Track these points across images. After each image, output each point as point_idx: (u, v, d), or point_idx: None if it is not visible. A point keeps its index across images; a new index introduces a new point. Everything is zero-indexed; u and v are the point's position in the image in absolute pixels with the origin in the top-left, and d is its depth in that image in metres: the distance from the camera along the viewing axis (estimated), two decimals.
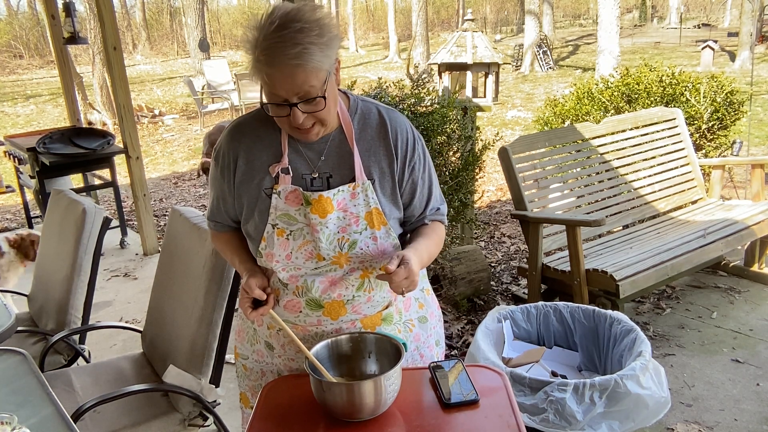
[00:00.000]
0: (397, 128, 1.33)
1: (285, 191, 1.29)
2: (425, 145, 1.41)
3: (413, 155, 1.34)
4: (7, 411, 1.31)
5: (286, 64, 1.11)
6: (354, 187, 1.29)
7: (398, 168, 1.32)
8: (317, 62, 1.13)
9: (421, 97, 3.13)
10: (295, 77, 1.13)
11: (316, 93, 1.16)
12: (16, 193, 5.45)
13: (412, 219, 1.42)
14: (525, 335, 2.41)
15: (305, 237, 1.30)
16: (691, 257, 2.95)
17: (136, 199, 4.52)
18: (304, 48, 1.11)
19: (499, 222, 5.18)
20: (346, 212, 1.29)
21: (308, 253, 1.31)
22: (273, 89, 1.15)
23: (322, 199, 1.27)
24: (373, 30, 31.28)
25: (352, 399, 1.15)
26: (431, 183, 1.41)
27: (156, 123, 11.93)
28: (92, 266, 2.34)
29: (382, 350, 1.29)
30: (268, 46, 1.11)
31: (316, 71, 1.14)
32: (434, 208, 1.43)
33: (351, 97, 1.35)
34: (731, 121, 4.40)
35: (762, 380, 2.60)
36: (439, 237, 1.44)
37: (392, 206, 1.34)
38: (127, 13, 28.32)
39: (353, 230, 1.30)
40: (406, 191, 1.36)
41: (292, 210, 1.29)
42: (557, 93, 10.34)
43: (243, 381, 1.57)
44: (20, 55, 23.73)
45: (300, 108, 1.17)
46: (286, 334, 1.29)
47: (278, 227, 1.31)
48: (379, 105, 1.37)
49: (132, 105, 4.43)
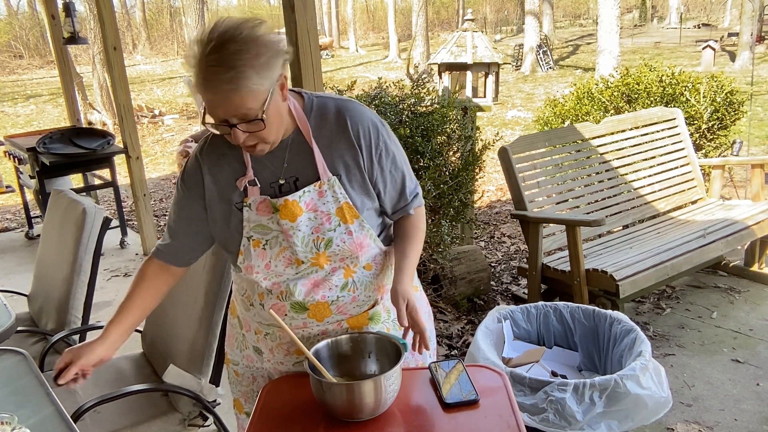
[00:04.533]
0: (357, 119, 1.29)
1: (255, 202, 1.28)
2: (391, 130, 1.37)
3: (378, 144, 1.31)
4: (7, 411, 1.31)
5: (220, 88, 1.08)
6: (320, 185, 1.27)
7: (364, 161, 1.29)
8: (253, 85, 1.10)
9: (421, 97, 3.13)
10: (231, 101, 1.10)
11: (254, 115, 1.13)
12: (16, 193, 5.45)
13: (392, 208, 1.39)
14: (525, 335, 2.41)
15: (281, 244, 1.30)
16: (691, 257, 2.95)
17: (136, 199, 4.52)
18: (239, 72, 1.07)
19: (499, 222, 5.18)
20: (316, 212, 1.28)
21: (287, 259, 1.31)
22: (211, 110, 1.13)
23: (288, 203, 1.26)
24: (373, 30, 31.28)
25: (352, 399, 1.15)
26: (402, 168, 1.37)
27: (156, 123, 11.93)
28: (92, 266, 2.34)
29: (382, 350, 1.29)
30: (205, 69, 1.09)
31: (253, 93, 1.11)
32: (412, 193, 1.41)
33: (305, 96, 1.31)
34: (731, 121, 4.40)
35: (762, 380, 2.60)
36: (422, 226, 1.43)
37: (364, 198, 1.32)
38: (127, 13, 28.32)
39: (326, 228, 1.29)
40: (378, 181, 1.33)
41: (264, 219, 1.28)
42: (557, 93, 10.34)
43: (235, 387, 1.57)
44: (20, 55, 23.73)
45: (240, 128, 1.14)
46: (286, 335, 1.29)
47: (253, 239, 1.30)
48: (336, 98, 1.33)
49: (132, 105, 4.43)
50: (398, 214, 1.42)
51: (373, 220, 1.35)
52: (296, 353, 1.39)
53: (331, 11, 27.88)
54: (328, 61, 20.92)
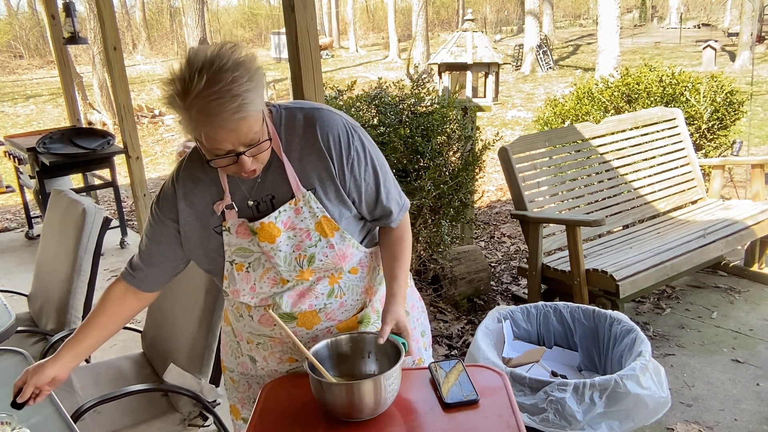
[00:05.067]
0: (326, 128, 1.24)
1: (234, 225, 1.26)
2: (368, 137, 1.31)
3: (349, 152, 1.25)
4: (7, 411, 1.31)
5: (229, 120, 1.05)
6: (295, 202, 1.24)
7: (336, 169, 1.24)
8: (256, 106, 1.08)
9: (421, 97, 3.13)
10: (240, 130, 1.08)
11: (260, 137, 1.12)
12: (16, 193, 5.45)
13: (370, 216, 1.35)
14: (525, 335, 2.41)
15: (264, 265, 1.28)
16: (691, 257, 2.95)
17: (136, 199, 4.52)
18: (243, 99, 1.05)
19: (499, 222, 5.19)
20: (295, 230, 1.25)
21: (271, 280, 1.29)
22: (217, 145, 1.09)
23: (264, 226, 1.23)
24: (373, 30, 31.27)
25: (351, 399, 1.15)
26: (378, 176, 1.30)
27: (156, 123, 11.93)
28: (92, 266, 2.34)
29: (382, 350, 1.28)
30: (205, 105, 1.03)
31: (256, 117, 1.10)
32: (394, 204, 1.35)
33: (273, 109, 1.27)
34: (731, 121, 4.40)
35: (762, 380, 2.60)
36: (407, 237, 1.40)
37: (341, 208, 1.28)
38: (127, 13, 28.32)
39: (307, 245, 1.26)
40: (352, 189, 1.28)
41: (245, 242, 1.27)
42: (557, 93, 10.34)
43: (231, 393, 1.57)
44: (20, 55, 23.72)
45: (247, 154, 1.12)
46: (286, 335, 1.29)
47: (236, 262, 1.29)
48: (304, 107, 1.28)
49: (132, 105, 4.43)
50: (378, 224, 1.38)
51: (353, 228, 1.32)
52: (289, 361, 1.39)
53: (331, 11, 27.88)
54: (328, 61, 20.93)
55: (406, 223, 1.41)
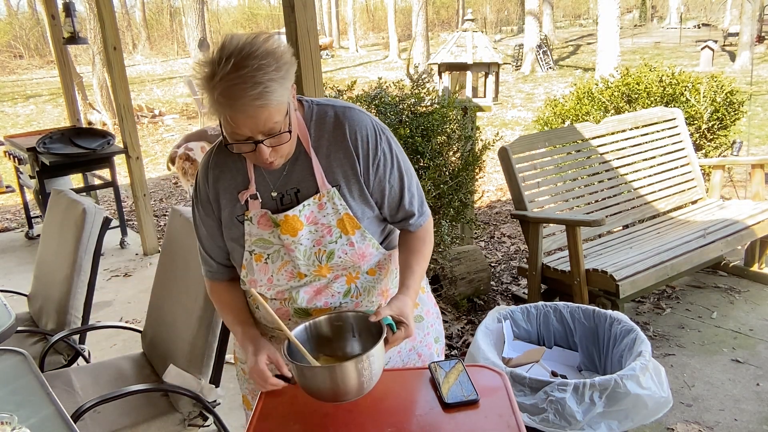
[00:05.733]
0: (355, 127, 1.26)
1: (256, 216, 1.27)
2: (395, 140, 1.33)
3: (376, 152, 1.27)
4: (7, 411, 1.31)
5: (248, 105, 1.07)
6: (319, 197, 1.25)
7: (362, 168, 1.27)
8: (279, 98, 1.09)
9: (421, 97, 3.13)
10: (259, 117, 1.09)
11: (280, 128, 1.13)
12: (16, 193, 5.46)
13: (391, 219, 1.36)
14: (525, 335, 2.41)
15: (283, 258, 1.29)
16: (691, 257, 2.95)
17: (136, 199, 4.52)
18: (265, 87, 1.06)
19: (499, 222, 5.19)
20: (317, 224, 1.27)
21: (289, 273, 1.30)
22: (237, 129, 1.11)
23: (288, 218, 1.25)
24: (373, 30, 31.28)
25: (335, 382, 1.12)
26: (403, 179, 1.33)
27: (156, 123, 11.93)
28: (92, 266, 2.34)
29: (364, 328, 1.26)
30: (227, 88, 1.06)
31: (278, 107, 1.11)
32: (415, 209, 1.36)
33: (305, 103, 1.29)
34: (731, 121, 4.40)
35: (762, 380, 2.60)
36: (429, 240, 1.40)
37: (364, 207, 1.30)
38: (127, 13, 28.33)
39: (328, 241, 1.27)
40: (375, 191, 1.30)
41: (266, 234, 1.28)
42: (557, 93, 10.34)
43: (243, 384, 1.57)
44: (20, 55, 23.73)
45: (266, 143, 1.14)
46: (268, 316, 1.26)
47: (255, 253, 1.30)
48: (336, 105, 1.30)
49: (132, 105, 4.43)
50: (399, 226, 1.39)
51: (374, 228, 1.34)
52: None
53: (331, 11, 27.89)
54: (328, 61, 20.93)
55: (429, 228, 1.42)
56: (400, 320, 1.22)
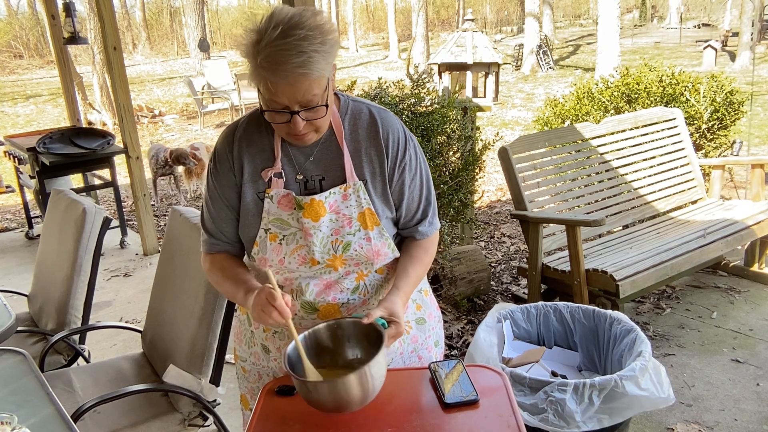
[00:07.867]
0: (389, 128, 1.31)
1: (277, 195, 1.28)
2: (421, 150, 1.38)
3: (404, 156, 1.32)
4: (7, 411, 1.31)
5: (290, 72, 1.09)
6: (345, 188, 1.27)
7: (389, 168, 1.30)
8: (321, 70, 1.11)
9: (421, 97, 3.12)
10: (299, 86, 1.11)
11: (317, 101, 1.15)
12: (16, 193, 5.46)
13: (402, 224, 1.39)
14: (525, 335, 2.41)
15: (298, 242, 1.29)
16: (691, 257, 2.95)
17: (136, 199, 4.52)
18: (309, 57, 1.08)
19: (499, 222, 5.18)
20: (338, 214, 1.28)
21: (301, 257, 1.30)
22: (275, 96, 1.13)
23: (314, 202, 1.26)
24: (373, 30, 31.28)
25: (338, 395, 1.12)
26: (423, 187, 1.37)
27: (156, 123, 11.93)
28: (92, 266, 2.34)
29: (363, 334, 1.25)
30: (272, 53, 1.08)
31: (319, 79, 1.12)
32: (427, 218, 1.39)
33: (342, 98, 1.33)
34: (731, 121, 4.39)
35: (762, 380, 2.60)
36: (431, 250, 1.41)
37: (384, 206, 1.32)
38: (127, 13, 28.33)
39: (346, 232, 1.29)
40: (396, 192, 1.34)
41: (285, 214, 1.28)
42: (557, 93, 10.35)
43: (242, 383, 1.57)
44: (20, 55, 23.74)
45: (301, 116, 1.16)
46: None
47: (271, 232, 1.30)
48: (371, 105, 1.34)
49: (132, 105, 4.43)
50: (406, 233, 1.41)
51: (391, 229, 1.36)
52: None
53: (331, 11, 27.89)
54: None
55: (434, 240, 1.44)
56: (391, 319, 1.23)
